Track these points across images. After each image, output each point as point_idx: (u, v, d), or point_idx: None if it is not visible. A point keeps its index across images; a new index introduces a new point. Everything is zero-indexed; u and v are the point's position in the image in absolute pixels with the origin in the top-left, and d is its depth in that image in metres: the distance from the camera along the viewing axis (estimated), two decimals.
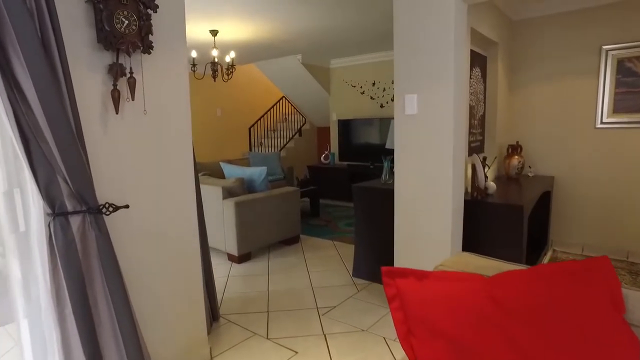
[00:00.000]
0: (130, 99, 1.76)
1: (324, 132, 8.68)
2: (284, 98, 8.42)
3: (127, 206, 1.75)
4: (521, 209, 2.74)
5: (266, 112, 8.03)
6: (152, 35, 1.79)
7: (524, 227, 2.79)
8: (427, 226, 2.68)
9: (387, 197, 3.30)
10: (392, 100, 6.72)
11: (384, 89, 6.85)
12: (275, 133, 8.56)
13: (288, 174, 6.76)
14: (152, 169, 1.92)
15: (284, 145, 8.16)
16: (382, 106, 6.91)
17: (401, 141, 2.75)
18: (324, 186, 7.09)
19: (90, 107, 1.67)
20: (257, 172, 4.19)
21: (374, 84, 6.96)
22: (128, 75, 1.73)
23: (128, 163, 1.82)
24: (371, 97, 7.03)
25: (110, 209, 1.69)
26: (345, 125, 7.10)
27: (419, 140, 2.65)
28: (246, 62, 7.31)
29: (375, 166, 6.71)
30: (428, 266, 2.71)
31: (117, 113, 1.72)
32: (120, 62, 1.71)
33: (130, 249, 1.86)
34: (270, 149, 8.38)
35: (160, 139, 1.94)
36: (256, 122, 7.86)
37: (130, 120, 1.81)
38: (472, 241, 2.90)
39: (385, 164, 3.52)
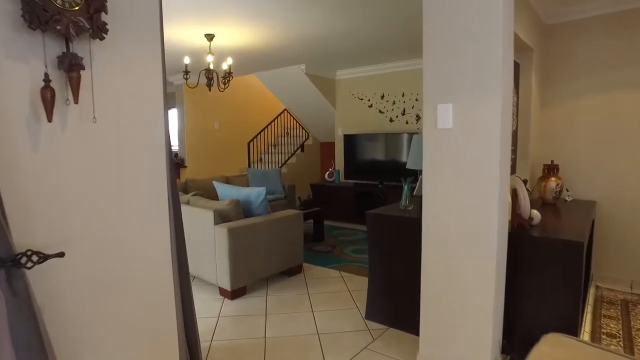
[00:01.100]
0: (73, 101, 1.25)
1: (328, 147, 8.17)
2: (286, 111, 7.95)
3: (61, 254, 1.21)
4: (581, 246, 2.20)
5: (267, 126, 7.55)
6: (106, 14, 1.28)
7: (583, 267, 2.25)
8: (464, 265, 2.14)
9: (408, 226, 2.77)
10: (403, 114, 6.24)
11: (394, 102, 6.37)
12: (276, 148, 8.06)
13: (289, 192, 6.23)
14: (107, 199, 1.39)
15: (285, 162, 7.66)
16: (391, 120, 6.42)
17: (431, 161, 2.23)
18: (328, 206, 6.55)
19: (10, 112, 1.15)
20: (254, 193, 3.67)
21: (382, 96, 6.49)
22: (69, 67, 1.22)
23: (70, 191, 1.30)
24: (380, 111, 6.55)
25: (35, 259, 1.16)
26: (351, 141, 6.60)
27: (455, 159, 2.13)
28: (246, 73, 6.86)
29: (384, 185, 6.19)
30: (462, 318, 2.17)
31: (49, 121, 1.20)
32: (64, 49, 1.21)
33: (74, 307, 1.33)
34: (270, 165, 7.87)
35: (120, 157, 1.42)
36: (256, 136, 7.38)
37: (73, 131, 1.29)
38: (514, 283, 2.36)
39: (405, 187, 3.00)
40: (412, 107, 6.18)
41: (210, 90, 4.48)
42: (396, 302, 2.90)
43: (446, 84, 2.13)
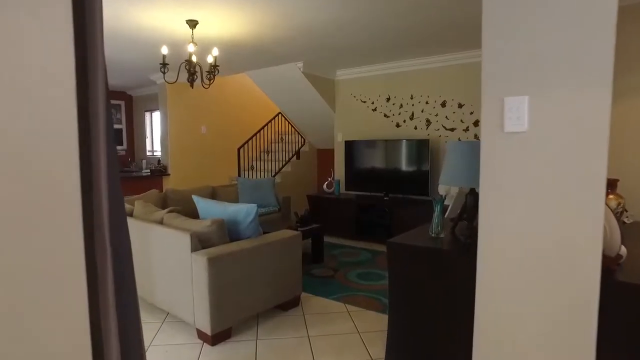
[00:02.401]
0: None
1: (326, 155, 7.51)
2: (280, 114, 7.28)
3: None
4: None
5: (259, 131, 6.87)
6: None
7: None
8: (546, 321, 1.48)
9: (442, 259, 2.10)
10: (411, 118, 5.60)
11: (401, 106, 5.73)
12: (269, 155, 7.37)
13: (284, 205, 5.54)
14: None
15: (279, 170, 6.98)
16: (398, 125, 5.78)
17: (493, 176, 1.57)
18: (327, 221, 5.87)
19: None
20: (243, 212, 2.98)
21: (388, 99, 5.85)
22: None
23: None
24: (385, 115, 5.90)
25: None
26: (353, 148, 5.94)
27: (532, 174, 1.48)
28: (236, 71, 6.18)
29: (390, 197, 5.52)
30: None
31: None
32: None
33: None
34: (262, 173, 7.18)
35: None
36: (247, 141, 6.69)
37: None
38: (605, 348, 1.69)
39: (437, 209, 2.34)
40: (422, 111, 5.54)
41: (192, 86, 3.80)
42: (427, 357, 2.22)
43: (520, 69, 1.47)
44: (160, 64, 3.55)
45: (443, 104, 5.36)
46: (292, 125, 7.32)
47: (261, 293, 2.97)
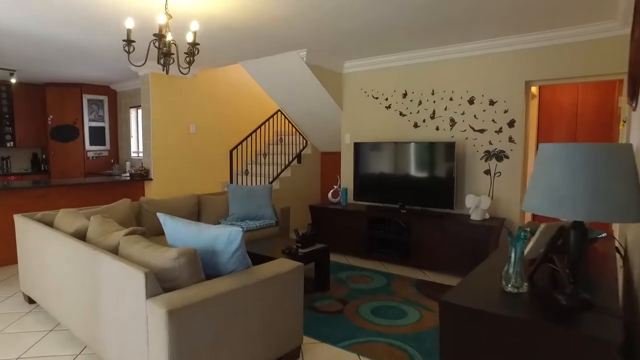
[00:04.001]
0: None
1: (331, 159, 6.70)
2: (279, 112, 6.47)
3: None
4: None
5: (255, 130, 6.06)
6: None
7: None
8: None
9: (529, 331, 1.28)
10: (432, 117, 4.80)
11: (420, 102, 4.92)
12: (267, 158, 6.57)
13: (282, 218, 4.72)
14: None
15: (278, 175, 6.16)
16: (416, 126, 4.97)
17: None
18: (333, 236, 5.05)
19: None
20: (223, 238, 2.15)
21: (405, 94, 5.04)
22: None
23: None
24: (401, 113, 5.09)
25: None
26: (363, 151, 5.12)
27: None
28: (229, 62, 5.38)
29: (407, 209, 4.70)
30: None
31: None
32: None
33: None
34: (258, 179, 6.36)
35: None
36: (241, 142, 5.88)
37: None
38: None
39: (515, 249, 1.50)
40: (445, 109, 4.73)
41: (167, 71, 2.99)
42: None
43: None
44: (124, 40, 2.74)
45: (471, 101, 4.55)
46: (292, 125, 6.51)
47: (248, 350, 2.15)
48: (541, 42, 4.04)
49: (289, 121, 6.51)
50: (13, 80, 6.37)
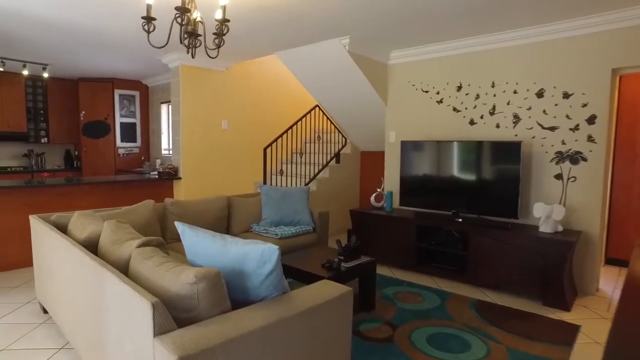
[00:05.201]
0: None
1: (371, 159, 6.18)
2: (317, 108, 6.01)
3: None
4: None
5: (290, 127, 5.62)
6: None
7: None
8: None
9: None
10: (492, 113, 4.22)
11: (477, 96, 4.32)
12: (303, 157, 6.12)
13: (320, 224, 4.25)
14: None
15: (315, 176, 5.70)
16: (472, 122, 4.38)
17: None
18: (376, 244, 4.54)
19: None
20: (254, 257, 1.69)
21: (459, 87, 4.46)
22: None
23: None
24: (455, 109, 4.51)
25: None
26: (410, 151, 4.57)
27: None
28: (264, 52, 4.96)
29: (462, 217, 4.12)
30: None
31: None
32: None
33: None
34: (294, 180, 5.92)
35: None
36: (275, 140, 5.45)
37: None
38: None
39: None
40: (508, 103, 4.12)
41: (192, 54, 2.57)
42: None
43: None
44: (143, 18, 2.33)
45: (540, 94, 3.92)
46: (331, 122, 6.03)
47: None
48: (633, 21, 3.37)
49: (327, 118, 6.04)
50: (45, 75, 6.22)
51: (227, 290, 1.73)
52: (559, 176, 3.84)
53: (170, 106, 6.85)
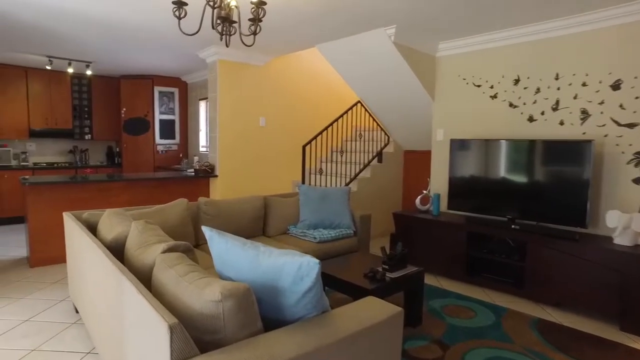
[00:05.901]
0: None
1: (415, 158, 5.83)
2: (359, 104, 5.72)
3: None
4: None
5: (330, 124, 5.36)
6: None
7: None
8: None
9: None
10: (554, 109, 3.81)
11: (537, 90, 3.89)
12: (343, 156, 5.85)
13: (362, 227, 3.96)
14: None
15: (356, 175, 5.41)
16: (532, 119, 3.95)
17: None
18: (420, 250, 4.20)
19: None
20: (290, 271, 1.45)
21: (517, 81, 4.04)
22: None
23: None
24: (511, 104, 4.10)
25: None
26: (460, 150, 4.19)
27: None
28: (304, 45, 4.73)
29: (518, 224, 3.71)
30: None
31: None
32: None
33: None
34: (333, 179, 5.67)
35: None
36: (315, 137, 5.20)
37: None
38: None
39: None
40: (575, 97, 3.67)
41: (227, 42, 2.36)
42: None
43: None
44: (174, 2, 2.14)
45: (616, 86, 3.45)
46: (373, 119, 5.72)
47: None
48: None
49: (369, 114, 5.73)
50: (89, 72, 6.29)
51: (259, 306, 1.50)
52: (637, 180, 3.36)
53: (207, 103, 6.77)
